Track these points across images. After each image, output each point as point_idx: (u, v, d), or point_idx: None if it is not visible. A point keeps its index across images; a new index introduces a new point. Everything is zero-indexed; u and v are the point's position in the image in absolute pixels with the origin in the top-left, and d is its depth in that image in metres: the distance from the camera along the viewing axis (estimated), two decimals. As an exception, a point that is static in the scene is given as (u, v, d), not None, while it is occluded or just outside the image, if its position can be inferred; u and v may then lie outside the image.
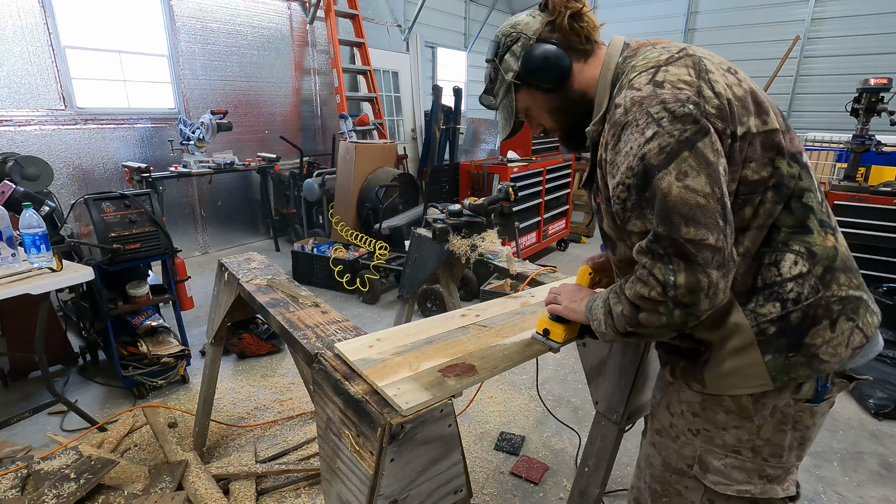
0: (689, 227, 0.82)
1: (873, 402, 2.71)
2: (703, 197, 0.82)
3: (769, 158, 0.92)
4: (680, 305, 0.85)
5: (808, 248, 0.93)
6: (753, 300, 0.94)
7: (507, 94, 1.12)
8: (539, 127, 1.17)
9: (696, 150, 0.83)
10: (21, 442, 2.37)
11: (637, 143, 0.86)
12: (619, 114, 0.90)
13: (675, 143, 0.83)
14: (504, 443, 2.44)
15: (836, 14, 7.05)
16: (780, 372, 0.94)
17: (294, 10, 6.20)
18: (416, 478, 0.99)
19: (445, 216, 2.22)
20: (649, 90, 0.88)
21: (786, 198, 0.93)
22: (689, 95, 0.86)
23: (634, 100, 0.88)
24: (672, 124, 0.84)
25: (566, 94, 1.07)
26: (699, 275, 0.83)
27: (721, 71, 0.93)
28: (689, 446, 1.07)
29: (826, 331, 0.93)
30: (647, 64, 0.93)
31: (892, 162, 4.56)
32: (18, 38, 4.07)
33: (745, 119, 0.90)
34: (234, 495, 2.02)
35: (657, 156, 0.84)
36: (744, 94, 0.93)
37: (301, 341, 1.29)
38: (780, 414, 0.98)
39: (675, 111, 0.85)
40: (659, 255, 0.85)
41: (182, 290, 3.06)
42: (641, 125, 0.86)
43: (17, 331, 2.85)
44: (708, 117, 0.85)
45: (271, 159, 5.46)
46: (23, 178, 3.05)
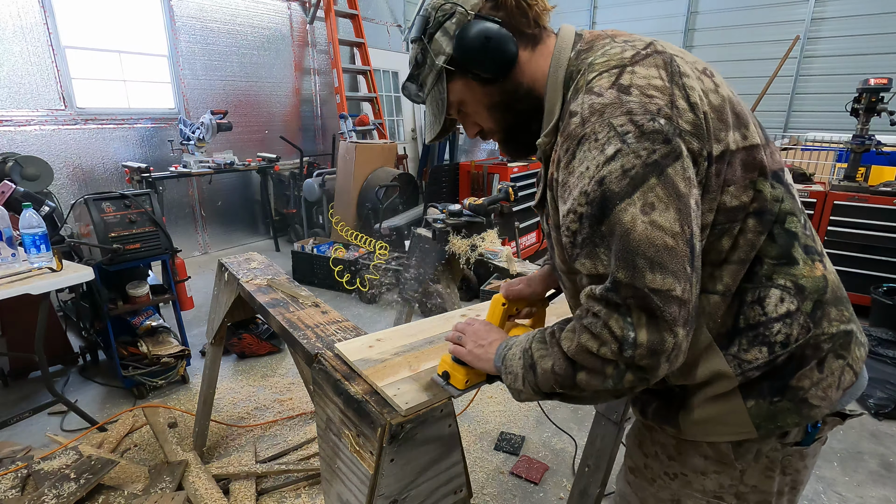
0: (656, 273, 0.67)
1: (873, 402, 2.71)
2: (671, 237, 0.68)
3: (750, 180, 0.78)
4: (633, 368, 0.71)
5: (794, 281, 0.80)
6: (736, 343, 0.80)
7: (438, 84, 0.91)
8: (475, 127, 0.97)
9: (665, 178, 0.68)
10: (21, 442, 2.37)
11: (595, 163, 0.70)
12: (575, 124, 0.74)
13: (642, 166, 0.68)
14: (504, 443, 2.44)
15: (836, 14, 7.05)
16: (765, 419, 0.81)
17: (294, 10, 6.20)
18: (416, 478, 0.99)
19: (445, 216, 2.22)
20: (613, 96, 0.72)
21: (769, 225, 0.79)
22: (661, 106, 0.71)
23: (594, 107, 0.72)
24: (639, 142, 0.69)
25: (509, 87, 0.89)
26: (664, 333, 0.68)
27: (696, 74, 0.78)
28: (667, 490, 0.95)
29: (814, 372, 0.81)
30: (609, 63, 0.76)
31: (892, 162, 4.55)
32: (18, 38, 4.07)
33: (723, 135, 0.75)
34: (234, 495, 2.02)
35: (619, 181, 0.68)
36: (721, 102, 0.78)
37: (301, 341, 1.29)
38: (766, 459, 0.86)
39: (643, 126, 0.69)
40: (615, 305, 0.70)
41: (182, 290, 3.06)
42: (601, 140, 0.70)
43: (17, 331, 2.85)
44: (682, 135, 0.70)
45: (271, 159, 5.46)
46: (23, 178, 3.06)
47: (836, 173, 4.50)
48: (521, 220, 4.82)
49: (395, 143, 5.91)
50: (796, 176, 4.18)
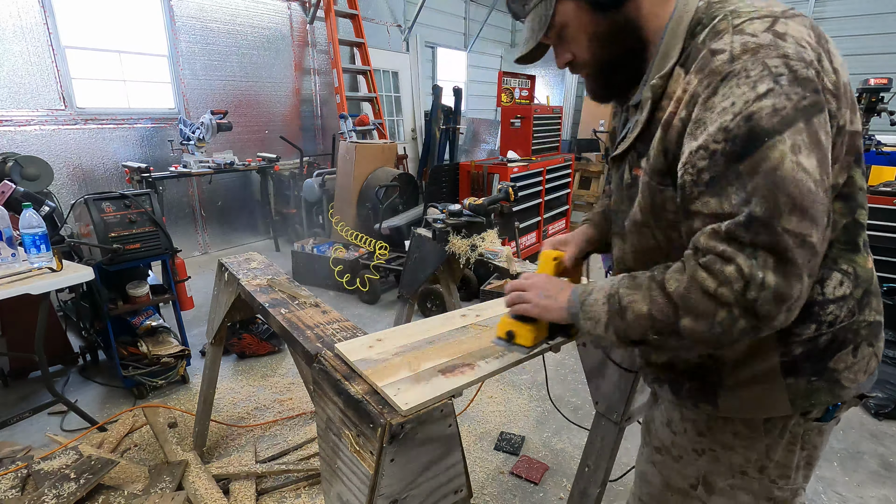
0: (794, 214, 0.65)
1: (873, 402, 2.71)
2: (814, 182, 0.66)
3: (848, 163, 0.79)
4: (750, 314, 0.68)
5: (854, 268, 0.83)
6: None
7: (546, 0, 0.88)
8: (567, 56, 0.93)
9: (811, 126, 0.68)
10: (21, 442, 2.37)
11: (744, 99, 0.68)
12: (721, 61, 0.71)
13: (793, 108, 0.67)
14: (504, 443, 2.44)
15: (836, 14, 7.06)
16: (801, 397, 0.84)
17: (294, 10, 6.20)
18: (416, 478, 0.99)
19: (445, 216, 2.22)
20: (768, 38, 0.70)
21: (853, 212, 0.81)
22: (812, 59, 0.70)
23: (747, 46, 0.70)
24: (791, 86, 0.67)
25: (620, 19, 0.85)
26: (792, 279, 0.66)
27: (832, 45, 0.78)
28: (693, 466, 0.97)
29: (849, 356, 0.84)
30: (759, 11, 0.74)
31: (892, 162, 4.55)
32: (18, 38, 4.07)
33: (844, 111, 0.75)
34: (234, 495, 2.02)
35: (770, 118, 0.66)
36: (847, 81, 0.78)
37: (301, 341, 1.28)
38: (790, 434, 0.90)
39: (797, 71, 0.68)
40: (741, 244, 0.67)
41: (182, 290, 3.06)
42: (753, 77, 0.68)
43: (17, 331, 2.85)
44: (823, 92, 0.70)
45: (271, 159, 5.46)
46: (23, 178, 3.06)
47: (836, 173, 4.51)
48: (521, 220, 4.82)
49: (395, 143, 5.91)
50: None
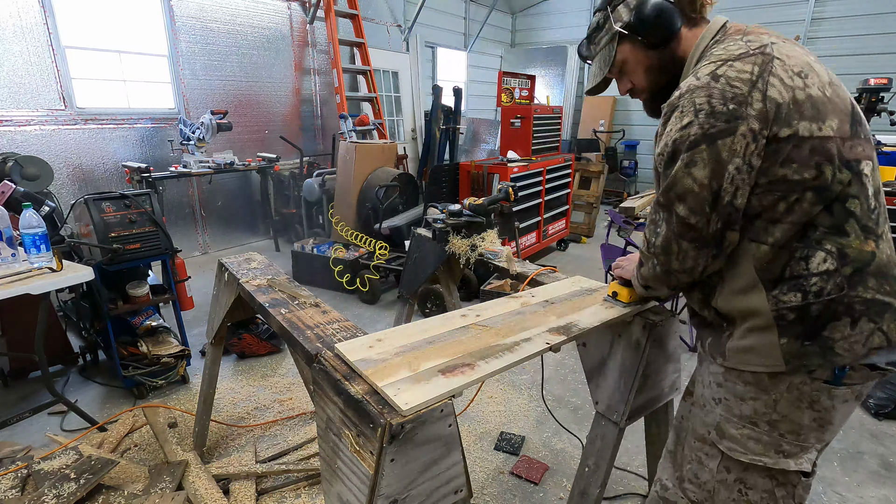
0: (680, 204, 1.00)
1: (873, 402, 2.71)
2: (698, 186, 0.98)
3: (816, 162, 0.94)
4: (657, 261, 1.09)
5: (840, 248, 0.97)
6: (778, 287, 1.00)
7: (610, 44, 1.20)
8: (628, 85, 1.24)
9: (713, 147, 0.95)
10: (21, 442, 2.37)
11: (675, 128, 1.00)
12: (675, 96, 1.02)
13: (700, 135, 0.96)
14: (504, 443, 2.44)
15: (836, 14, 7.05)
16: (794, 356, 0.99)
17: (294, 10, 6.20)
18: (416, 478, 0.99)
19: (445, 216, 2.22)
20: (705, 81, 0.97)
21: (828, 201, 0.96)
22: (737, 95, 0.94)
23: (690, 87, 0.99)
24: (707, 119, 0.95)
25: (667, 54, 1.14)
26: (671, 242, 1.04)
27: (789, 74, 0.96)
28: (712, 414, 1.14)
29: (846, 327, 0.97)
30: (721, 56, 1.00)
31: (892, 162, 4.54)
32: (18, 38, 4.07)
33: (795, 123, 0.94)
34: (234, 495, 2.02)
35: (682, 143, 0.98)
36: (804, 98, 0.96)
37: (301, 341, 1.28)
38: (797, 391, 1.02)
39: (714, 107, 0.95)
40: (654, 218, 1.07)
41: (182, 290, 3.06)
42: (684, 112, 0.98)
43: (17, 331, 2.85)
44: (746, 118, 0.93)
45: (271, 159, 5.45)
46: (23, 178, 3.05)
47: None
48: (522, 220, 4.82)
49: (395, 143, 5.90)
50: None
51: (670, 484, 1.26)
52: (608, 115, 9.43)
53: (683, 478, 1.22)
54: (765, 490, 1.10)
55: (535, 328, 1.31)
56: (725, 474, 1.13)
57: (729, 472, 1.13)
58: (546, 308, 1.47)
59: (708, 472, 1.16)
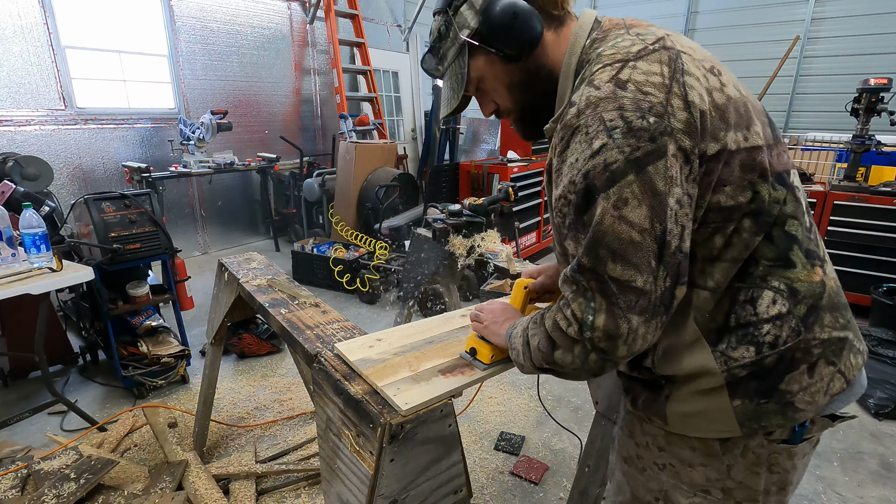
0: (616, 263, 0.72)
1: (873, 402, 2.71)
2: (638, 232, 0.71)
3: (749, 181, 0.78)
4: (596, 350, 0.76)
5: (789, 284, 0.81)
6: (725, 340, 0.82)
7: (459, 58, 0.92)
8: (491, 105, 0.97)
9: (643, 175, 0.70)
10: (21, 442, 2.37)
11: (584, 156, 0.73)
12: (571, 115, 0.76)
13: (623, 162, 0.71)
14: (504, 443, 2.44)
15: (836, 14, 7.05)
16: (750, 419, 0.82)
17: (294, 10, 6.20)
18: (416, 478, 0.99)
19: (445, 216, 2.22)
20: (609, 90, 0.73)
21: (767, 227, 0.80)
22: (654, 104, 0.72)
23: (590, 100, 0.74)
24: (625, 138, 0.71)
25: (532, 67, 0.89)
26: (619, 319, 0.73)
27: (702, 71, 0.78)
28: (656, 480, 0.96)
29: (804, 376, 0.82)
30: (615, 56, 0.77)
31: (892, 162, 4.56)
32: (18, 38, 4.06)
33: (722, 134, 0.76)
34: (234, 495, 2.02)
35: (600, 175, 0.72)
36: (725, 101, 0.78)
37: (301, 341, 1.28)
38: (753, 455, 0.86)
39: (631, 122, 0.71)
40: (582, 289, 0.76)
41: (182, 290, 3.06)
42: (591, 133, 0.73)
43: (17, 331, 2.85)
44: (672, 133, 0.72)
45: (271, 159, 5.45)
46: (23, 178, 3.05)
47: (836, 173, 4.50)
48: (521, 220, 4.82)
49: (395, 143, 5.91)
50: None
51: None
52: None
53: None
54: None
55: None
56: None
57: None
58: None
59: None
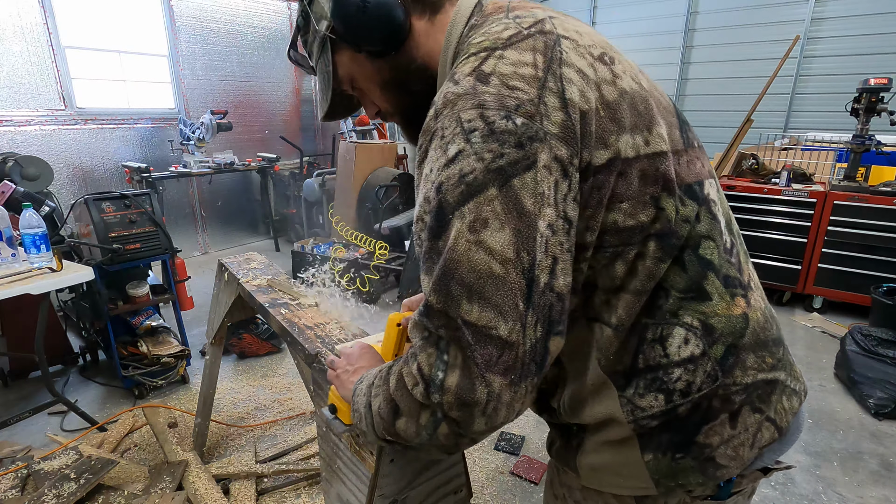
0: (473, 304, 0.56)
1: (873, 402, 2.70)
2: (500, 263, 0.56)
3: (651, 195, 0.64)
4: (447, 419, 0.59)
5: (703, 320, 0.67)
6: (633, 385, 0.68)
7: (323, 54, 0.80)
8: (373, 108, 0.85)
9: (508, 190, 0.56)
10: (21, 442, 2.37)
11: (437, 165, 0.60)
12: (430, 117, 0.63)
13: (483, 171, 0.57)
14: (504, 443, 2.44)
15: (836, 14, 7.05)
16: (665, 476, 0.69)
17: (294, 10, 6.20)
18: (416, 478, 0.99)
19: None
20: (468, 85, 0.60)
21: (675, 250, 0.66)
22: (522, 101, 0.58)
23: (448, 98, 0.61)
24: (485, 142, 0.57)
25: (402, 62, 0.76)
26: (475, 380, 0.56)
27: (588, 60, 0.64)
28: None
29: (724, 427, 0.69)
30: (483, 43, 0.64)
31: (892, 162, 4.55)
32: (18, 38, 4.07)
33: (613, 139, 0.62)
34: (234, 495, 2.02)
35: (454, 188, 0.58)
36: (618, 97, 0.64)
37: (301, 341, 1.28)
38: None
39: (493, 123, 0.57)
40: (434, 338, 0.59)
41: (182, 290, 3.06)
42: (447, 138, 0.59)
43: (17, 331, 2.85)
44: (545, 139, 0.58)
45: (271, 159, 5.46)
46: (23, 178, 3.05)
47: (836, 173, 4.50)
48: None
49: (395, 143, 5.91)
50: (797, 176, 4.17)
51: None
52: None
53: None
54: None
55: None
56: None
57: None
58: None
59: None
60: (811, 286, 3.96)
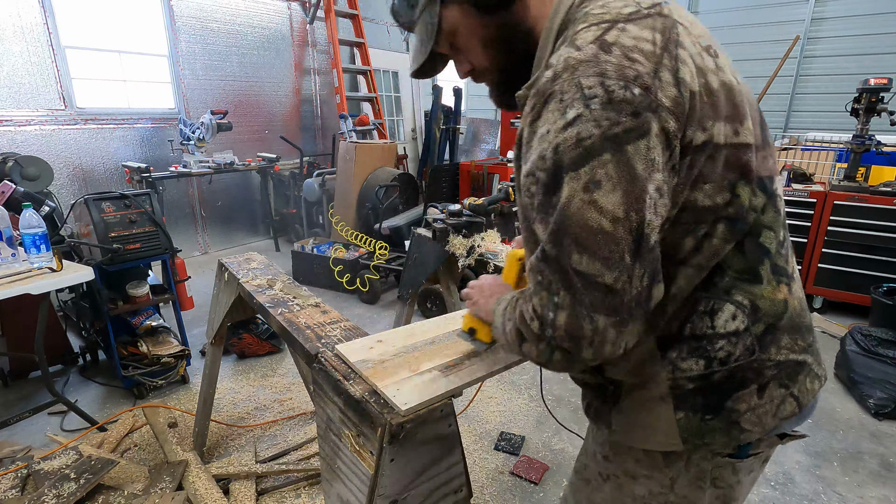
0: (582, 255, 0.63)
1: (873, 402, 2.71)
2: (610, 221, 0.62)
3: (729, 182, 0.71)
4: (559, 349, 0.67)
5: (752, 300, 0.75)
6: (676, 350, 0.76)
7: (430, 6, 0.82)
8: (466, 66, 0.88)
9: (621, 156, 0.62)
10: (21, 442, 2.37)
11: (555, 127, 0.64)
12: (546, 79, 0.67)
13: (600, 137, 0.61)
14: (504, 443, 2.44)
15: (836, 14, 7.05)
16: (694, 434, 0.77)
17: (294, 10, 6.20)
18: (416, 478, 0.99)
19: (445, 216, 2.22)
20: (591, 52, 0.64)
21: (740, 235, 0.73)
22: (641, 74, 0.63)
23: (569, 63, 0.65)
24: (604, 109, 0.61)
25: (510, 21, 0.80)
26: (582, 320, 0.64)
27: (697, 49, 0.69)
28: (600, 492, 0.92)
29: (752, 396, 0.77)
30: (604, 16, 0.68)
31: (892, 162, 4.55)
32: (18, 38, 4.06)
33: (710, 124, 0.68)
34: (234, 495, 2.02)
35: (572, 150, 0.62)
36: (718, 87, 0.70)
37: (301, 341, 1.28)
38: (696, 468, 0.82)
39: (613, 92, 0.62)
40: (546, 282, 0.66)
41: (182, 290, 3.06)
42: (566, 101, 0.63)
43: (17, 331, 2.85)
44: (658, 110, 0.63)
45: (271, 159, 5.46)
46: (23, 178, 3.05)
47: (836, 173, 4.50)
48: (521, 220, 4.81)
49: (395, 143, 5.91)
50: (797, 176, 4.17)
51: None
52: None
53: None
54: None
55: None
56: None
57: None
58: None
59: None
60: (811, 286, 3.96)
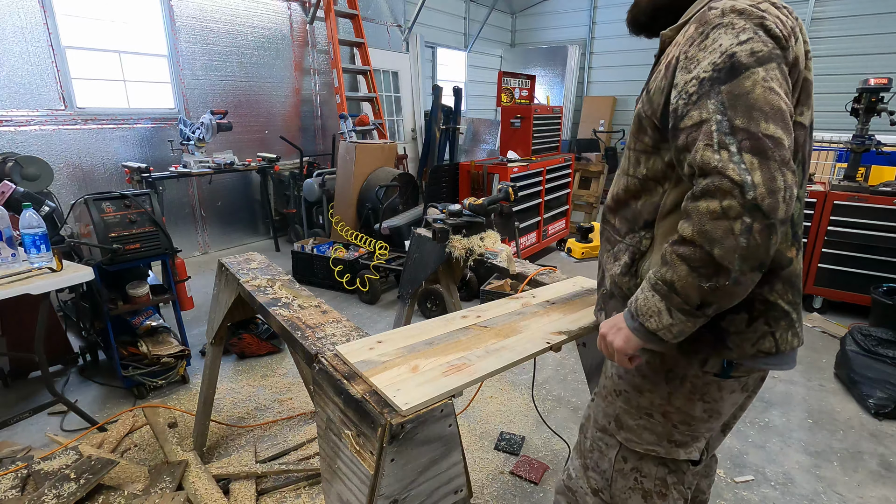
0: (769, 123, 0.79)
1: (873, 402, 2.71)
2: (784, 103, 0.82)
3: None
4: (759, 215, 0.77)
5: None
6: None
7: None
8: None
9: (781, 68, 0.84)
10: (21, 442, 2.37)
11: (730, 42, 0.84)
12: (714, 14, 0.88)
13: (768, 53, 0.83)
14: (504, 443, 2.44)
15: (836, 14, 7.06)
16: (688, 340, 0.98)
17: (294, 10, 6.20)
18: (417, 478, 0.99)
19: (445, 216, 2.22)
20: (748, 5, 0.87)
21: None
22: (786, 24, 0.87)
23: (735, 8, 0.87)
24: (768, 36, 0.84)
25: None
26: (775, 172, 0.77)
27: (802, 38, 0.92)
28: (612, 405, 1.18)
29: (742, 324, 0.98)
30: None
31: (892, 162, 4.55)
32: (18, 38, 4.06)
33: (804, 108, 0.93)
34: (234, 495, 2.02)
35: (749, 56, 0.83)
36: (806, 73, 0.92)
37: (301, 341, 1.28)
38: (690, 384, 1.05)
39: (770, 29, 0.85)
40: (735, 150, 0.79)
41: (182, 290, 3.06)
42: (738, 28, 0.85)
43: (17, 331, 2.85)
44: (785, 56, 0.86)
45: (271, 159, 5.45)
46: (23, 178, 3.05)
47: (836, 173, 4.50)
48: (521, 220, 4.82)
49: (395, 143, 5.91)
50: (796, 176, 4.17)
51: (575, 473, 1.33)
52: (608, 115, 9.43)
53: (587, 466, 1.28)
54: (658, 478, 1.16)
55: (535, 328, 1.32)
56: (623, 464, 1.19)
57: (626, 462, 1.18)
58: (547, 308, 1.47)
59: (607, 462, 1.21)
60: (811, 286, 3.96)
